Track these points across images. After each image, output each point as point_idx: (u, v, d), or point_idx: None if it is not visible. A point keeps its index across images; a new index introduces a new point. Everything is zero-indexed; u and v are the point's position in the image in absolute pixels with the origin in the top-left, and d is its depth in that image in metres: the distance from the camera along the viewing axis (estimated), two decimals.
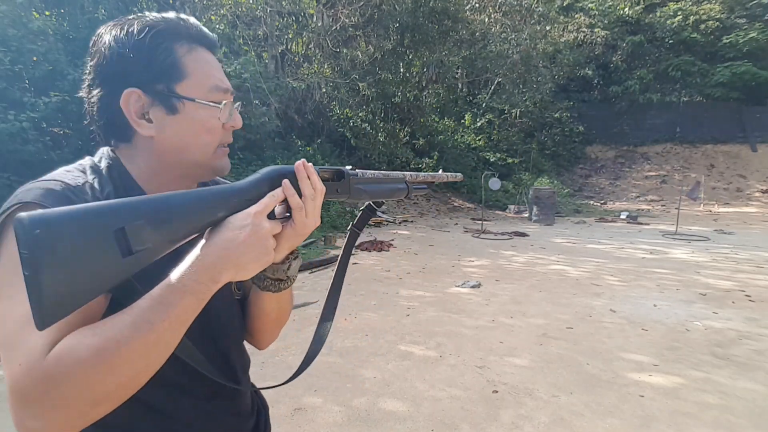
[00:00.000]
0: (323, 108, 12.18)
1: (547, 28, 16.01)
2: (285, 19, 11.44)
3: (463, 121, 18.01)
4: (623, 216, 12.91)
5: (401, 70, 13.27)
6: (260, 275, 0.70)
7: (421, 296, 4.92)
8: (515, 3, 14.53)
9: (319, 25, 11.89)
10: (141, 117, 0.63)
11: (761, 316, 4.28)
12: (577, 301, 4.73)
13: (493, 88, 17.46)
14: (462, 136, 17.31)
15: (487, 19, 14.42)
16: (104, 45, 0.62)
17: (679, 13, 19.71)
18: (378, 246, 7.70)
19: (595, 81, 20.49)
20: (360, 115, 12.83)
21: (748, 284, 5.46)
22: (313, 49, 11.96)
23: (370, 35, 12.20)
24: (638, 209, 14.76)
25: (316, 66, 11.73)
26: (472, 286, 5.27)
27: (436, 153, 15.50)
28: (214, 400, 0.72)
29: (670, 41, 19.92)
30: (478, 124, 18.04)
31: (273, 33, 11.55)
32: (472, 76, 16.83)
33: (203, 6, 10.02)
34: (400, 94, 13.98)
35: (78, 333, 0.48)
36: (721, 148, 18.49)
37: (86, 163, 0.66)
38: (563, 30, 18.78)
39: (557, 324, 4.03)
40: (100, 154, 0.67)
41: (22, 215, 0.42)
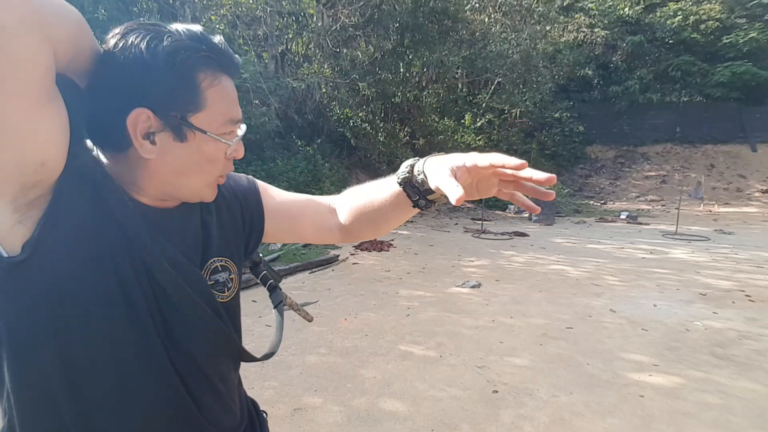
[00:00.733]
0: (323, 108, 12.18)
1: (547, 28, 15.99)
2: (285, 19, 11.42)
3: (463, 121, 18.01)
4: (623, 216, 12.91)
5: (401, 70, 13.26)
6: (428, 198, 0.71)
7: (421, 296, 4.92)
8: (515, 3, 14.51)
9: (319, 25, 11.89)
10: (145, 138, 0.59)
11: (761, 316, 4.28)
12: (577, 301, 4.74)
13: (493, 88, 17.45)
14: (462, 136, 17.30)
15: (487, 19, 14.40)
16: (130, 50, 0.57)
17: (679, 13, 19.70)
18: (378, 246, 7.70)
19: (595, 81, 20.47)
20: (360, 115, 12.82)
21: (748, 284, 5.46)
22: (313, 49, 11.95)
23: (370, 35, 12.19)
24: (638, 209, 14.76)
25: (316, 66, 11.73)
26: (472, 286, 5.27)
27: (436, 153, 15.46)
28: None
29: (670, 41, 19.91)
30: (478, 124, 18.04)
31: (273, 33, 11.54)
32: (472, 76, 16.81)
33: (203, 6, 10.01)
34: (400, 94, 13.96)
35: None
36: (721, 148, 18.48)
37: None
38: (563, 30, 18.77)
39: (557, 324, 4.03)
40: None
41: None
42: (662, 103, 19.60)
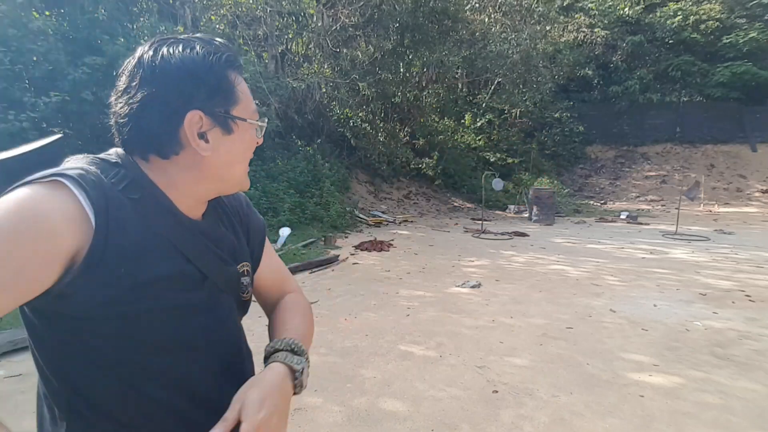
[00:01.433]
0: (323, 108, 12.18)
1: (547, 28, 15.99)
2: (285, 19, 11.42)
3: (463, 121, 18.02)
4: (623, 216, 12.91)
5: (401, 70, 13.25)
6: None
7: (421, 296, 4.92)
8: (515, 3, 14.51)
9: (319, 25, 11.88)
10: (200, 137, 0.66)
11: (761, 316, 4.28)
12: (577, 301, 4.74)
13: (493, 88, 17.45)
14: (462, 136, 17.31)
15: (487, 19, 14.40)
16: (169, 61, 0.64)
17: (679, 13, 19.70)
18: (378, 246, 7.70)
19: (595, 81, 20.47)
20: (360, 115, 12.82)
21: (748, 284, 5.46)
22: (313, 49, 11.95)
23: (370, 35, 12.18)
24: (638, 209, 14.76)
25: (316, 66, 11.72)
26: (472, 286, 5.27)
27: (436, 153, 15.50)
28: None
29: (670, 41, 19.91)
30: (478, 124, 18.05)
31: (273, 33, 11.54)
32: (472, 76, 16.81)
33: (203, 6, 10.00)
34: (400, 94, 13.97)
35: None
36: (721, 148, 18.48)
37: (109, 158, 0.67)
38: (563, 30, 18.77)
39: (557, 324, 4.03)
40: (117, 157, 0.68)
41: None
42: (662, 103, 19.60)
